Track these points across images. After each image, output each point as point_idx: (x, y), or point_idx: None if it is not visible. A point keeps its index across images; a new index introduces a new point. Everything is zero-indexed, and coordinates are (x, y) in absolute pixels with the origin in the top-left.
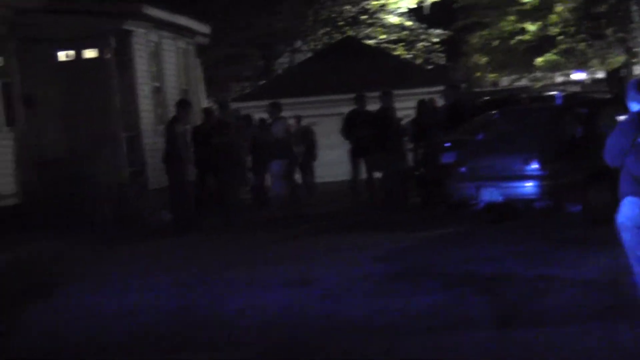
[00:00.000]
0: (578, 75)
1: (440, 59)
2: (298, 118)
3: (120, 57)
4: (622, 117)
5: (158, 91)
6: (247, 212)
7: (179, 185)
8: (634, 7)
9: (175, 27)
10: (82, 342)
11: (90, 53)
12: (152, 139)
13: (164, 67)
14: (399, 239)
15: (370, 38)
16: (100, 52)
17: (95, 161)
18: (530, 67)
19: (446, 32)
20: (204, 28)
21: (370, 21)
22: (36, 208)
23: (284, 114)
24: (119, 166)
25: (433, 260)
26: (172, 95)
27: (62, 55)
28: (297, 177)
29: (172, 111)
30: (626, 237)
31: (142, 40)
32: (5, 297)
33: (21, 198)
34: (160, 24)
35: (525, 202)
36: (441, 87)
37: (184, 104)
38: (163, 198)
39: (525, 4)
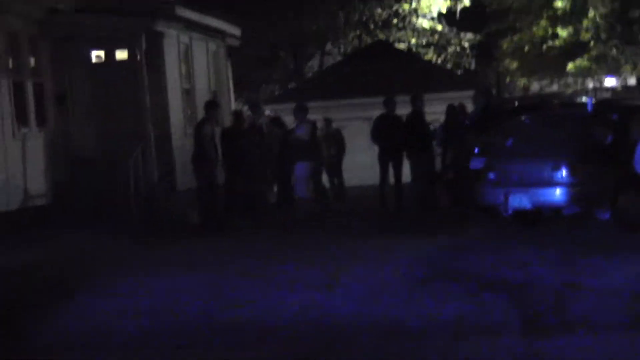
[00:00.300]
0: (610, 81)
1: (471, 63)
2: (328, 121)
3: (151, 58)
4: None
5: (188, 93)
6: (274, 214)
7: (207, 186)
8: None
9: (206, 29)
10: (116, 340)
11: (121, 54)
12: (181, 141)
13: (194, 69)
14: (427, 243)
15: (401, 42)
16: (131, 52)
17: (125, 162)
18: (561, 73)
19: (477, 36)
20: (234, 30)
21: (401, 25)
22: (67, 207)
23: (314, 116)
24: (148, 167)
25: (460, 265)
26: (202, 96)
27: (93, 56)
28: (324, 179)
29: (201, 113)
30: None
31: (173, 41)
32: (33, 295)
33: (52, 197)
34: (191, 25)
35: (554, 209)
36: (471, 92)
37: (212, 105)
38: (191, 198)
39: (557, 9)
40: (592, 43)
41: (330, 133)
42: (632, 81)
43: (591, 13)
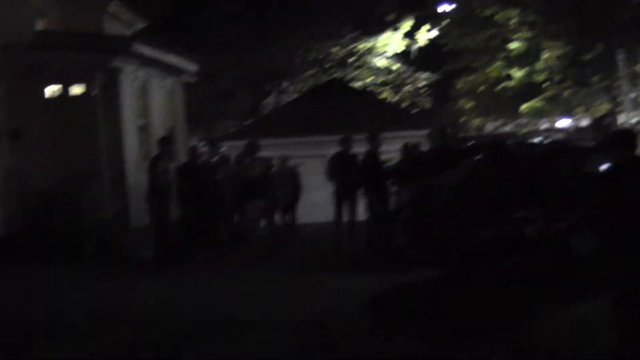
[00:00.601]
0: (563, 123)
1: (427, 102)
2: (284, 159)
3: (107, 94)
4: (604, 166)
5: (144, 129)
6: (227, 251)
7: (161, 222)
8: (620, 56)
9: (163, 65)
10: None
11: (77, 89)
12: (136, 177)
13: (150, 105)
14: (381, 282)
15: (357, 80)
16: (88, 88)
17: (79, 197)
18: (515, 113)
19: (433, 76)
20: (191, 66)
21: (357, 63)
22: (20, 243)
23: (270, 153)
24: (103, 203)
25: (412, 306)
26: (158, 133)
27: (49, 91)
28: (277, 217)
29: (156, 149)
30: None
31: (129, 77)
32: None
33: (5, 232)
34: (148, 61)
35: (508, 248)
36: (427, 131)
37: (166, 142)
38: (146, 236)
39: (512, 50)
40: (545, 84)
41: (285, 171)
42: (585, 122)
43: (545, 55)
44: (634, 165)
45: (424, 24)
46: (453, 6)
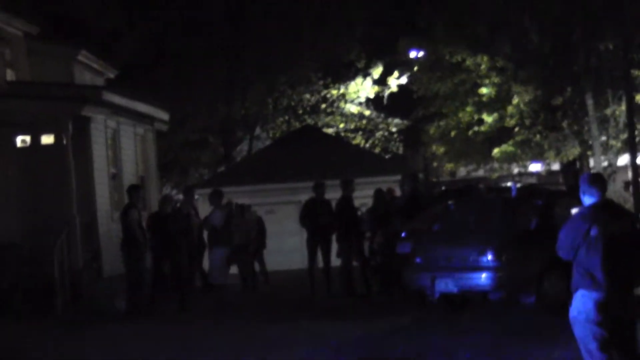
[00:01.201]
0: (534, 167)
1: (399, 148)
2: (245, 207)
3: (77, 143)
4: (575, 210)
5: (115, 177)
6: (199, 299)
7: (137, 272)
8: (589, 101)
9: (134, 113)
10: None
11: (47, 138)
12: (108, 226)
13: (121, 153)
14: (354, 328)
15: (329, 126)
16: (58, 137)
17: (50, 247)
18: (487, 158)
19: (404, 121)
20: (162, 114)
21: (329, 110)
22: None
23: (243, 200)
24: (74, 252)
25: (388, 352)
26: (129, 181)
27: (18, 140)
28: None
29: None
30: (578, 330)
31: (100, 126)
32: None
33: None
34: (119, 110)
35: (480, 293)
36: (399, 177)
37: (135, 189)
38: (118, 285)
39: (483, 95)
40: (516, 129)
41: (246, 219)
42: (556, 166)
43: (515, 100)
44: (604, 208)
45: (393, 70)
46: (422, 53)
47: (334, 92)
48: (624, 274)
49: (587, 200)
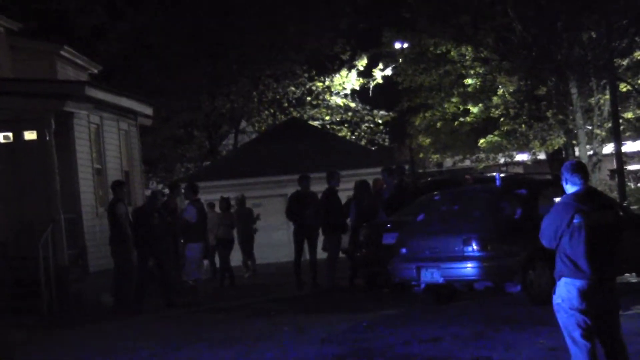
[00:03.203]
0: (520, 157)
1: (385, 140)
2: (241, 199)
3: (60, 139)
4: (557, 199)
5: (99, 173)
6: (183, 294)
7: (125, 267)
8: (573, 90)
9: (117, 108)
10: None
11: (30, 135)
12: (92, 222)
13: (105, 149)
14: (341, 320)
15: (315, 119)
16: (40, 133)
17: (35, 244)
18: (473, 148)
19: (390, 113)
20: (146, 109)
21: (315, 102)
22: None
23: (229, 194)
24: (59, 249)
25: (374, 343)
26: (114, 177)
27: (1, 137)
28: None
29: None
30: (561, 318)
31: (83, 121)
32: None
33: None
34: (102, 105)
35: (465, 283)
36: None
37: (119, 184)
38: (104, 281)
39: (468, 86)
40: (502, 119)
41: (243, 211)
42: (541, 156)
43: (500, 90)
44: (587, 196)
45: (378, 62)
46: (406, 44)
47: (319, 84)
48: (606, 262)
49: (570, 188)
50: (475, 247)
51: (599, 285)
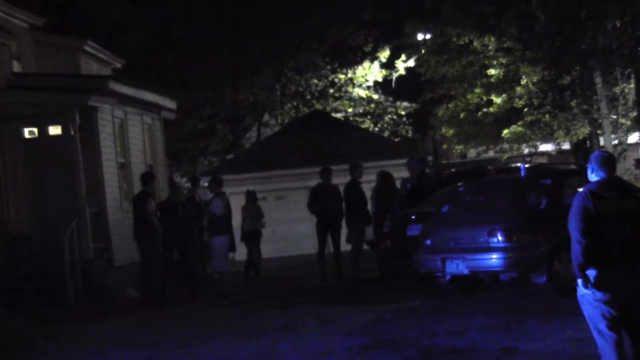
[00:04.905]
0: (545, 147)
1: (408, 131)
2: (254, 194)
3: (85, 133)
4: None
5: (123, 167)
6: (207, 287)
7: (153, 260)
8: (597, 80)
9: (141, 103)
10: None
11: (55, 129)
12: (117, 215)
13: (129, 143)
14: (366, 312)
15: (338, 111)
16: (65, 128)
17: (61, 238)
18: (497, 139)
19: (413, 105)
20: (169, 103)
21: (337, 94)
22: (2, 285)
23: (253, 187)
24: (84, 242)
25: (399, 334)
26: (138, 170)
27: (26, 132)
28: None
29: (137, 186)
30: (586, 309)
31: (107, 116)
32: None
33: None
34: (126, 100)
35: (490, 274)
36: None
37: (151, 177)
38: (129, 274)
39: (491, 76)
40: (525, 109)
41: (256, 205)
42: (566, 146)
43: (524, 80)
44: (611, 186)
45: (400, 53)
46: (429, 35)
47: (342, 76)
48: (631, 251)
49: (594, 178)
50: (500, 238)
51: (623, 275)
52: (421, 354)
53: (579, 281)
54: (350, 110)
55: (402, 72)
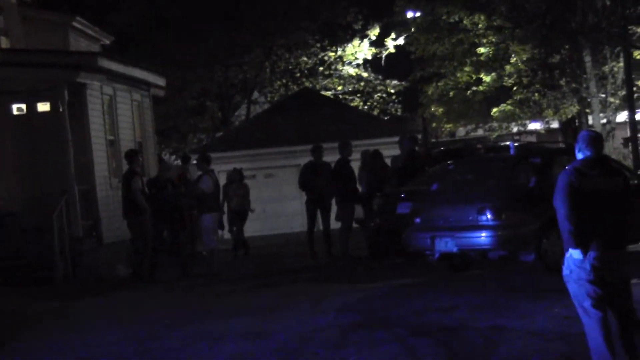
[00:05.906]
0: (534, 125)
1: (397, 109)
2: (241, 171)
3: (74, 110)
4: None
5: (112, 144)
6: (196, 264)
7: (142, 239)
8: (587, 58)
9: (130, 80)
10: None
11: (43, 106)
12: (106, 192)
13: (118, 120)
14: (356, 290)
15: (327, 89)
16: (54, 105)
17: (49, 215)
18: (486, 118)
19: (402, 83)
20: (159, 80)
21: (327, 72)
22: None
23: (242, 165)
24: (73, 220)
25: (389, 312)
26: (127, 147)
27: (14, 108)
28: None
29: (126, 164)
30: (572, 288)
31: (96, 92)
32: None
33: None
34: (115, 77)
35: (479, 252)
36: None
37: (135, 154)
38: (118, 252)
39: (481, 55)
40: (515, 88)
41: (243, 184)
42: (555, 125)
43: (513, 59)
44: (597, 164)
45: (390, 31)
46: (419, 13)
47: (332, 54)
48: (616, 230)
49: (581, 156)
50: (489, 216)
51: (608, 254)
52: (412, 331)
53: (565, 260)
54: (339, 88)
55: (391, 50)
